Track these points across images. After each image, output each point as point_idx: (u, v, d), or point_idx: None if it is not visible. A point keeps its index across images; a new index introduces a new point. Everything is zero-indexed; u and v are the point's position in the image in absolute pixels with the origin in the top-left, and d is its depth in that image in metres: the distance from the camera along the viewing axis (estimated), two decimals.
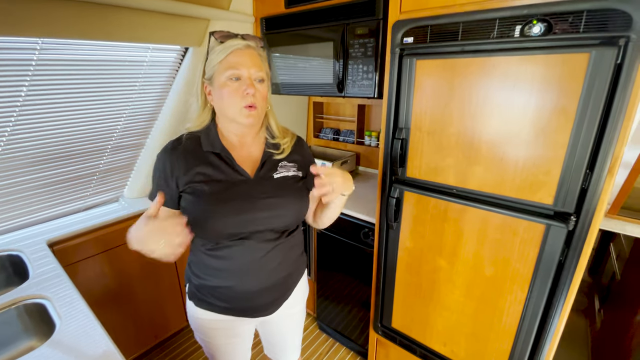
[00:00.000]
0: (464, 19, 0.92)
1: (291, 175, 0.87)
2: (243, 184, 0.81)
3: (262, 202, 0.80)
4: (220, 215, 0.77)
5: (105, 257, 1.46)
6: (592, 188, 0.84)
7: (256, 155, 0.87)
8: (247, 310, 0.88)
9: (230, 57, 0.76)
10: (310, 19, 1.48)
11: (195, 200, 0.77)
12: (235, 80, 0.76)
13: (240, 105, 0.76)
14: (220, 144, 0.82)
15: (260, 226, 0.81)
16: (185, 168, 0.78)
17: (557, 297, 0.97)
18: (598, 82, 0.77)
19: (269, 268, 0.85)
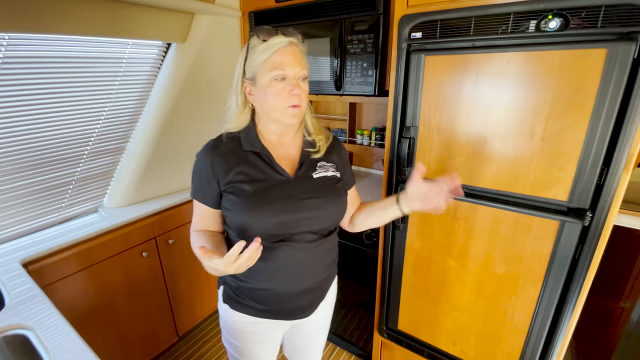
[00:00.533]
0: (477, 13, 0.90)
1: (330, 175, 0.86)
2: (284, 184, 0.79)
3: (303, 202, 0.79)
4: (262, 215, 0.76)
5: (87, 274, 1.33)
6: (607, 184, 0.84)
7: (294, 154, 0.86)
8: (285, 312, 0.88)
9: (274, 56, 0.73)
10: (304, 13, 1.42)
11: (237, 200, 0.77)
12: (281, 81, 0.74)
13: (285, 105, 0.75)
14: (260, 144, 0.81)
15: (301, 227, 0.79)
16: (227, 167, 0.78)
17: (571, 294, 0.97)
18: (615, 77, 0.77)
19: (309, 270, 0.84)
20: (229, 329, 0.92)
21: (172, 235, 1.65)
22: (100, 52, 1.26)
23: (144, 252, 1.52)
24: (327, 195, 0.83)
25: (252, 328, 0.90)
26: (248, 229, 0.77)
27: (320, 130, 0.90)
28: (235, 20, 1.68)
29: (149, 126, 1.54)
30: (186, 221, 1.71)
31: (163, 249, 1.61)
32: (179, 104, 1.57)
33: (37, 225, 1.36)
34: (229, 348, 0.97)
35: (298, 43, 0.77)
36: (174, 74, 1.51)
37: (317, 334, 1.05)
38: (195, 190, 0.83)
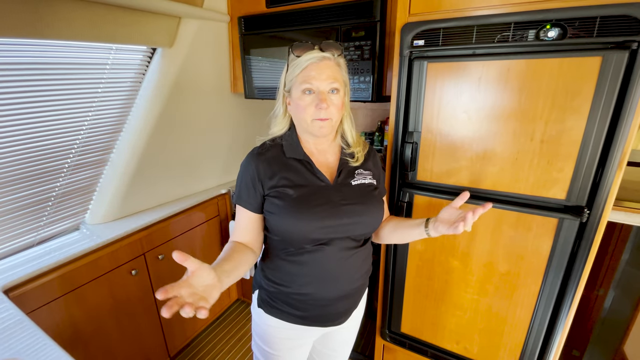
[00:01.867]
0: (479, 22, 0.93)
1: (367, 182, 0.88)
2: (324, 190, 0.82)
3: (344, 208, 0.81)
4: (306, 219, 0.78)
5: (73, 298, 1.22)
6: (603, 182, 0.90)
7: (333, 162, 0.89)
8: (321, 319, 0.89)
9: (305, 71, 0.77)
10: (296, 20, 1.41)
11: (281, 204, 0.79)
12: (309, 94, 0.78)
13: (313, 118, 0.79)
14: (302, 151, 0.84)
15: (341, 233, 0.82)
16: (271, 172, 0.81)
17: (569, 287, 1.03)
18: (609, 83, 0.83)
19: (346, 276, 0.86)
20: (262, 334, 0.93)
21: (162, 250, 1.56)
22: (82, 58, 1.18)
23: (132, 270, 1.42)
24: (365, 202, 0.85)
25: (285, 334, 0.90)
26: (291, 232, 0.80)
27: (359, 142, 0.92)
28: (224, 25, 1.63)
29: (135, 135, 1.46)
30: (175, 234, 1.62)
31: (153, 266, 1.52)
32: (166, 111, 1.50)
33: (14, 247, 1.24)
34: (258, 354, 0.97)
35: (333, 57, 0.79)
36: (161, 80, 1.44)
37: (346, 344, 1.06)
38: (239, 196, 0.85)
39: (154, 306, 1.56)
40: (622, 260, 2.08)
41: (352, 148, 0.89)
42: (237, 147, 1.99)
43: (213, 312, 1.95)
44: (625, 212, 1.36)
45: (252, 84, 1.63)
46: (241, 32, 1.59)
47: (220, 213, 1.87)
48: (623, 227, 2.03)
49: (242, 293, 2.12)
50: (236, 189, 0.87)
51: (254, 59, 1.58)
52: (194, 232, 1.74)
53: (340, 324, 0.93)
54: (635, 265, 2.04)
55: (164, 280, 1.59)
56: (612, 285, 2.15)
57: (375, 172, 0.92)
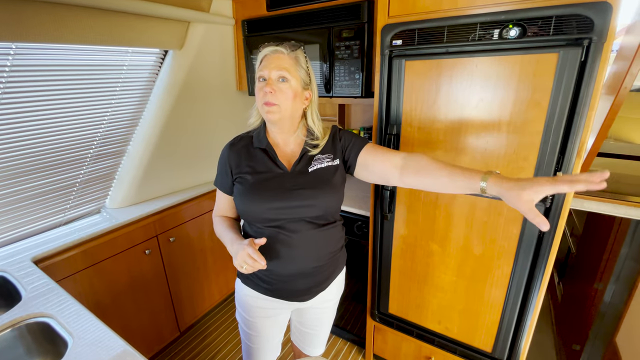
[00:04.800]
0: (449, 23, 1.02)
1: (325, 166, 0.93)
2: (280, 177, 0.91)
3: (294, 192, 0.89)
4: (257, 201, 0.89)
5: (94, 272, 1.40)
6: (564, 170, 0.97)
7: (295, 152, 0.96)
8: (284, 293, 0.98)
9: (261, 62, 0.88)
10: (294, 22, 1.52)
11: (240, 188, 0.91)
12: (262, 82, 0.87)
13: (261, 102, 0.87)
14: (267, 141, 0.94)
15: (294, 214, 0.89)
16: (238, 161, 0.94)
17: (538, 268, 1.10)
18: (566, 77, 0.90)
19: (304, 255, 0.93)
20: (240, 302, 1.05)
21: (173, 233, 1.72)
22: (102, 60, 1.34)
23: (146, 249, 1.59)
24: (319, 186, 0.90)
25: (259, 303, 1.01)
26: (247, 213, 0.92)
27: (326, 133, 0.97)
28: (229, 28, 1.77)
29: (149, 130, 1.62)
30: (186, 219, 1.78)
31: (164, 247, 1.69)
32: (176, 108, 1.66)
33: (44, 226, 1.42)
34: (240, 321, 1.09)
35: (285, 50, 0.87)
36: (171, 80, 1.59)
37: (321, 323, 1.13)
38: (216, 179, 1.01)
39: (166, 284, 1.73)
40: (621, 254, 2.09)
41: (319, 141, 0.94)
42: None
43: (220, 292, 2.11)
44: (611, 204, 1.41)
45: None
46: (244, 34, 1.72)
47: None
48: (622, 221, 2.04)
49: None
50: (217, 173, 1.01)
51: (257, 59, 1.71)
52: (203, 218, 1.89)
53: (304, 301, 0.99)
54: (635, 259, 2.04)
55: (175, 260, 1.75)
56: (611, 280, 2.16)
57: (337, 150, 0.95)
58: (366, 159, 0.92)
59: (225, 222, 0.99)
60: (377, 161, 0.90)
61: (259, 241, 0.82)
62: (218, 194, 1.02)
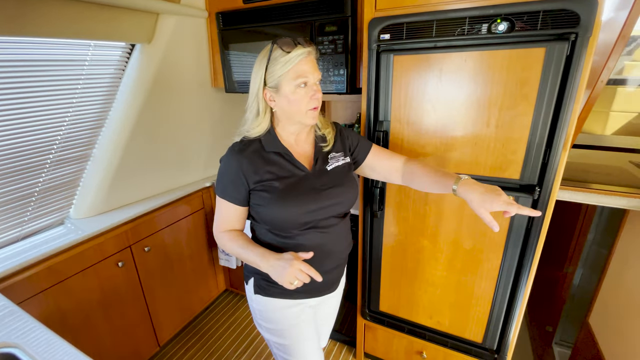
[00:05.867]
0: (438, 17, 1.00)
1: (341, 164, 0.97)
2: (305, 178, 0.90)
3: (325, 192, 0.91)
4: (294, 206, 0.87)
5: (60, 290, 1.26)
6: (550, 162, 0.99)
7: (309, 151, 0.96)
8: (319, 288, 0.99)
9: (297, 66, 0.81)
10: (273, 15, 1.45)
11: (268, 196, 0.86)
12: (303, 87, 0.83)
13: (307, 108, 0.85)
14: (281, 145, 0.90)
15: (326, 214, 0.91)
16: (254, 167, 0.87)
17: (526, 259, 1.13)
18: (553, 72, 0.92)
19: (337, 248, 0.97)
20: (267, 318, 0.99)
21: (148, 242, 1.60)
22: (61, 55, 1.20)
23: (119, 262, 1.46)
24: (343, 183, 0.95)
25: (290, 311, 0.98)
26: (281, 220, 0.88)
27: (327, 124, 1.00)
28: (202, 21, 1.66)
29: (116, 131, 1.49)
30: (161, 227, 1.66)
31: (139, 258, 1.56)
32: (147, 106, 1.53)
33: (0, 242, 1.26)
34: (270, 337, 1.02)
35: (313, 52, 0.85)
36: (140, 76, 1.47)
37: (330, 316, 1.18)
38: (223, 190, 0.90)
39: (142, 297, 1.60)
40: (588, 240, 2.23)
41: (322, 130, 0.98)
42: (219, 140, 2.03)
43: (202, 301, 2.00)
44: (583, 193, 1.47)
45: (232, 78, 1.67)
46: (219, 28, 1.62)
47: (205, 206, 1.91)
48: (588, 208, 2.17)
49: (230, 283, 2.18)
50: (218, 183, 0.91)
51: (233, 53, 1.63)
52: (180, 224, 1.78)
53: (333, 291, 1.05)
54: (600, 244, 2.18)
55: (151, 271, 1.63)
56: (579, 264, 2.30)
57: (346, 147, 1.01)
58: (373, 161, 1.03)
59: (241, 238, 0.92)
60: (383, 164, 1.03)
61: (305, 255, 0.82)
62: (223, 206, 0.92)
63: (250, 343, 1.86)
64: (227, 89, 1.72)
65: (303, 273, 0.77)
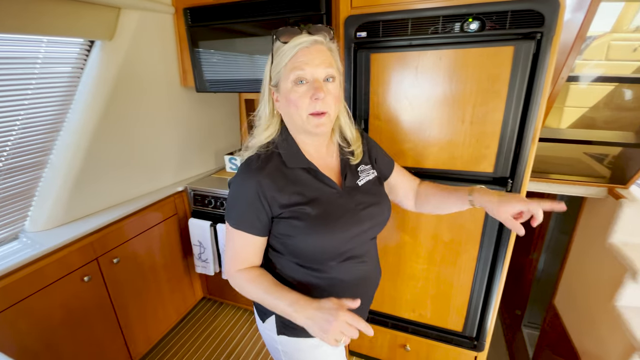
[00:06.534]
0: (413, 15, 1.02)
1: (372, 178, 0.84)
2: (338, 198, 0.75)
3: (362, 213, 0.77)
4: (332, 234, 0.72)
5: (17, 312, 1.14)
6: (521, 155, 1.05)
7: (334, 164, 0.81)
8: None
9: (295, 58, 0.67)
10: (245, 11, 1.41)
11: (302, 225, 0.71)
12: (301, 84, 0.67)
13: (307, 113, 0.69)
14: (306, 159, 0.75)
15: (365, 237, 0.78)
16: (278, 190, 0.71)
17: (501, 248, 1.18)
18: (521, 69, 0.96)
19: (372, 275, 0.86)
20: (296, 357, 0.83)
21: (117, 253, 1.49)
22: (8, 52, 1.09)
23: (84, 276, 1.35)
24: (378, 201, 0.81)
25: (321, 350, 0.83)
26: (317, 252, 0.73)
27: (358, 137, 0.85)
28: (168, 17, 1.58)
29: (76, 134, 1.37)
30: (131, 236, 1.56)
31: (107, 270, 1.46)
32: (111, 107, 1.43)
33: None
34: None
35: (325, 41, 0.69)
36: (102, 75, 1.37)
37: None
38: (239, 220, 0.73)
39: (112, 312, 1.49)
40: (550, 227, 2.39)
41: (352, 146, 0.82)
42: (191, 142, 1.94)
43: (178, 312, 1.91)
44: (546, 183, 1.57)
45: (203, 77, 1.61)
46: (188, 24, 1.55)
47: (178, 211, 1.82)
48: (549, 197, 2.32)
49: (208, 290, 2.10)
50: (231, 210, 0.74)
51: (204, 51, 1.56)
52: (151, 232, 1.68)
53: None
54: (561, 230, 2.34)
55: (122, 283, 1.52)
56: (543, 250, 2.46)
57: (372, 160, 0.89)
58: (397, 180, 0.94)
59: (264, 279, 0.74)
60: (405, 184, 0.94)
61: (352, 304, 0.63)
62: (238, 238, 0.74)
63: (231, 352, 1.80)
64: (197, 88, 1.65)
65: (352, 327, 0.61)
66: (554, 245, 2.39)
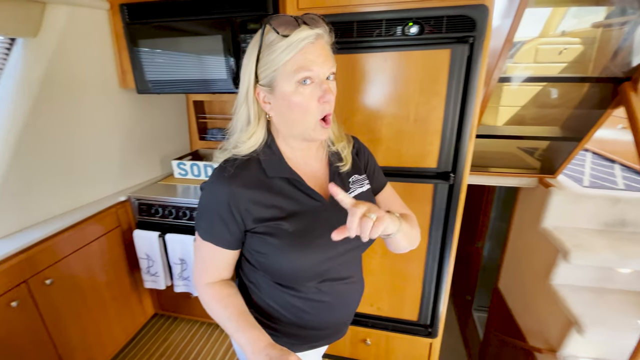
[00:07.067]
0: (358, 18, 1.05)
1: (365, 190, 0.76)
2: (321, 212, 0.68)
3: None
4: (309, 254, 0.66)
5: None
6: (461, 150, 1.13)
7: (320, 170, 0.73)
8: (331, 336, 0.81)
9: (299, 55, 0.58)
10: (188, 9, 1.35)
11: (276, 242, 0.64)
12: (308, 84, 0.60)
13: (317, 118, 0.62)
14: (289, 167, 0.67)
15: (347, 257, 0.72)
16: (253, 202, 0.64)
17: (448, 238, 1.25)
18: (457, 70, 1.04)
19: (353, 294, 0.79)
20: None
21: (50, 273, 1.34)
22: None
23: (12, 301, 1.19)
24: None
25: None
26: (293, 273, 0.68)
27: (342, 136, 0.77)
28: (102, 13, 1.46)
29: None
30: (66, 253, 1.41)
31: (39, 293, 1.30)
32: (38, 110, 1.29)
33: None
34: None
35: (325, 35, 0.62)
36: (26, 76, 1.23)
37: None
38: (208, 231, 0.67)
39: (48, 338, 1.34)
40: (492, 217, 2.60)
41: (335, 145, 0.75)
42: (134, 147, 1.81)
43: (126, 332, 1.76)
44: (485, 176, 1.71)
45: (145, 77, 1.51)
46: (125, 21, 1.44)
47: (121, 223, 1.68)
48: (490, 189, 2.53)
49: (160, 306, 1.97)
50: (200, 219, 0.68)
51: (145, 50, 1.46)
52: (91, 247, 1.53)
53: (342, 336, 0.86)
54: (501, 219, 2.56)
55: (57, 306, 1.37)
56: (487, 238, 2.67)
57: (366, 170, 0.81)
58: (384, 200, 0.82)
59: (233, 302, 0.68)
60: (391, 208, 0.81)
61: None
62: (207, 250, 0.68)
63: None
64: (139, 89, 1.54)
65: None
66: (496, 234, 2.62)
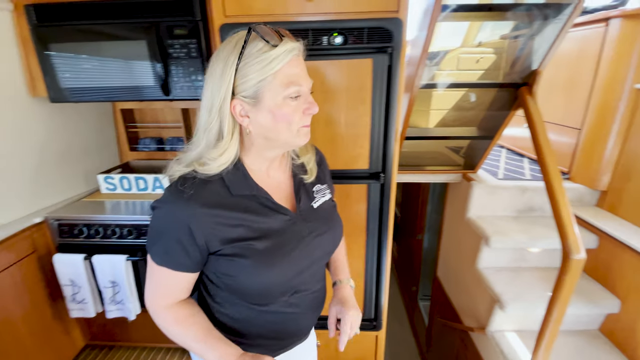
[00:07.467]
0: (285, 27, 1.07)
1: (328, 199, 0.78)
2: (291, 226, 0.68)
3: (314, 242, 0.71)
4: (281, 270, 0.66)
5: None
6: (388, 152, 1.21)
7: (284, 182, 0.74)
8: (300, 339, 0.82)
9: (288, 68, 0.58)
10: (105, 12, 1.27)
11: (248, 263, 0.62)
12: (295, 98, 0.60)
13: (299, 126, 0.63)
14: (254, 183, 0.65)
15: (315, 267, 0.73)
16: (218, 222, 0.60)
17: (383, 232, 1.34)
18: (379, 79, 1.12)
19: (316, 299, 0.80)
20: None
21: None
22: None
23: None
24: (332, 225, 0.76)
25: None
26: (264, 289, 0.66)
27: (306, 148, 0.77)
28: (6, 14, 1.30)
29: None
30: None
31: None
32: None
33: None
34: None
35: (302, 46, 0.63)
36: None
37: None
38: (164, 257, 0.62)
39: None
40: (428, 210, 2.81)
41: (300, 158, 0.76)
42: (49, 162, 1.62)
43: None
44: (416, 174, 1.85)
45: (59, 85, 1.37)
46: (32, 24, 1.30)
47: (38, 248, 1.50)
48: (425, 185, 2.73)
49: (91, 336, 1.78)
50: (153, 243, 0.62)
51: (58, 55, 1.33)
52: (0, 278, 1.34)
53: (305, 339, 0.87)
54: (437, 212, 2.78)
55: None
56: (426, 230, 2.88)
57: (328, 181, 0.84)
58: None
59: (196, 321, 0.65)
60: None
61: None
62: (162, 275, 0.63)
63: None
64: (52, 98, 1.40)
65: None
66: (433, 226, 2.83)
